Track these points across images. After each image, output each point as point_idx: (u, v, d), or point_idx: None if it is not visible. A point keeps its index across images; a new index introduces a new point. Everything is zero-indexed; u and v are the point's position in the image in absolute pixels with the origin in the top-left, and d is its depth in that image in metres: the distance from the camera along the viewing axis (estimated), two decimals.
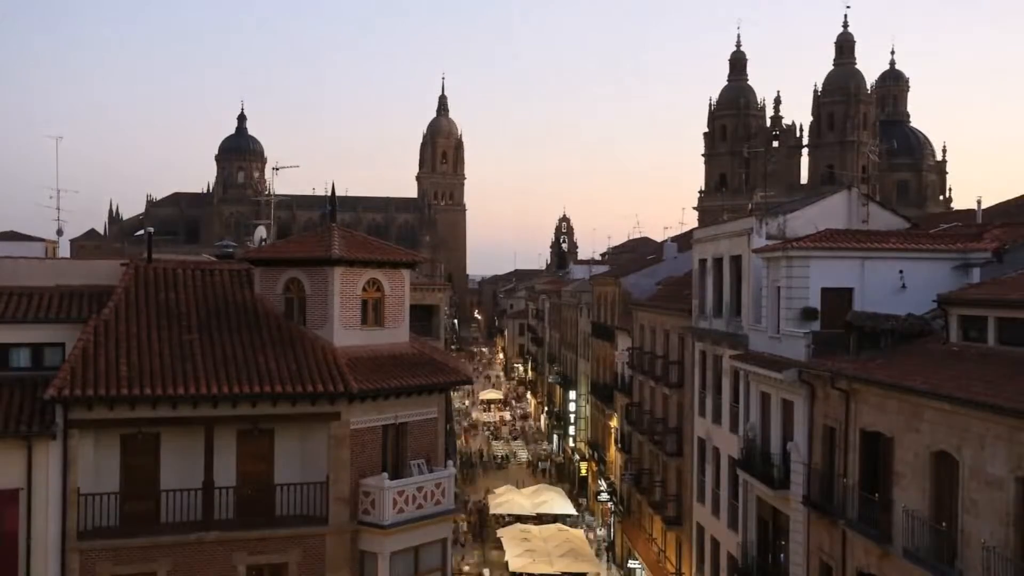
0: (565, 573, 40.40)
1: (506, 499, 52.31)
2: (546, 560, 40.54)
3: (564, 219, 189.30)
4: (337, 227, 25.70)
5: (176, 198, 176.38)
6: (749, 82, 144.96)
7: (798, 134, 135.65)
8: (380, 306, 24.57)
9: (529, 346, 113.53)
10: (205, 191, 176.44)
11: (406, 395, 23.56)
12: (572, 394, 69.14)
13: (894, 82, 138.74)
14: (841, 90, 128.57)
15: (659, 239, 71.24)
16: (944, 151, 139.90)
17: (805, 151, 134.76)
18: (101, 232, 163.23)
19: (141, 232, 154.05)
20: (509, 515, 51.72)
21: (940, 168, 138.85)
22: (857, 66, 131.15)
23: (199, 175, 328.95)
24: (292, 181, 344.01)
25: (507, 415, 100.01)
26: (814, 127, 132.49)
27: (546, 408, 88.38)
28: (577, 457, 66.80)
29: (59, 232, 40.75)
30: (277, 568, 22.06)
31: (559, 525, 47.58)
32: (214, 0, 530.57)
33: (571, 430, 69.55)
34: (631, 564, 45.31)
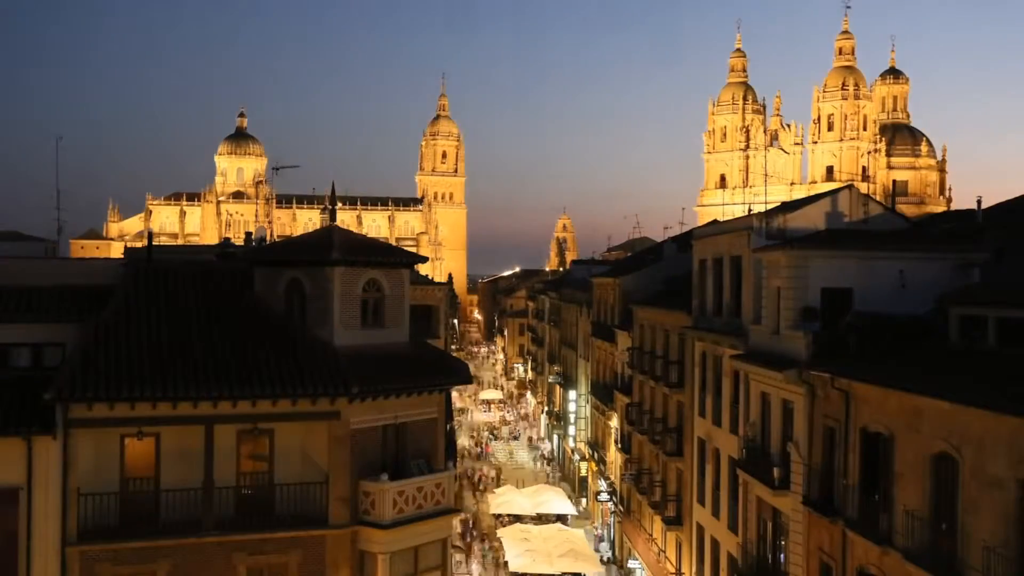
0: (565, 573, 40.39)
1: (506, 499, 52.23)
2: (546, 560, 40.51)
3: (564, 219, 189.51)
4: (337, 227, 25.73)
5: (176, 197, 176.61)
6: (749, 82, 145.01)
7: (798, 134, 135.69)
8: (380, 306, 24.57)
9: (529, 346, 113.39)
10: (205, 191, 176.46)
11: (406, 395, 23.57)
12: (572, 394, 68.99)
13: (894, 81, 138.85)
14: (841, 90, 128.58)
15: (659, 239, 71.22)
16: (944, 151, 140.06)
17: (805, 151, 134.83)
18: (101, 232, 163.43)
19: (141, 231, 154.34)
20: (509, 515, 51.67)
21: (940, 168, 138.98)
22: (857, 66, 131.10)
23: (199, 174, 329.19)
24: (293, 180, 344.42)
25: (507, 415, 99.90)
26: (814, 127, 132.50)
27: (546, 408, 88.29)
28: (577, 457, 66.75)
29: (59, 232, 40.85)
30: (277, 568, 22.05)
31: (559, 525, 47.52)
32: (215, 0, 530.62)
33: (571, 430, 69.45)
34: (631, 564, 45.28)
